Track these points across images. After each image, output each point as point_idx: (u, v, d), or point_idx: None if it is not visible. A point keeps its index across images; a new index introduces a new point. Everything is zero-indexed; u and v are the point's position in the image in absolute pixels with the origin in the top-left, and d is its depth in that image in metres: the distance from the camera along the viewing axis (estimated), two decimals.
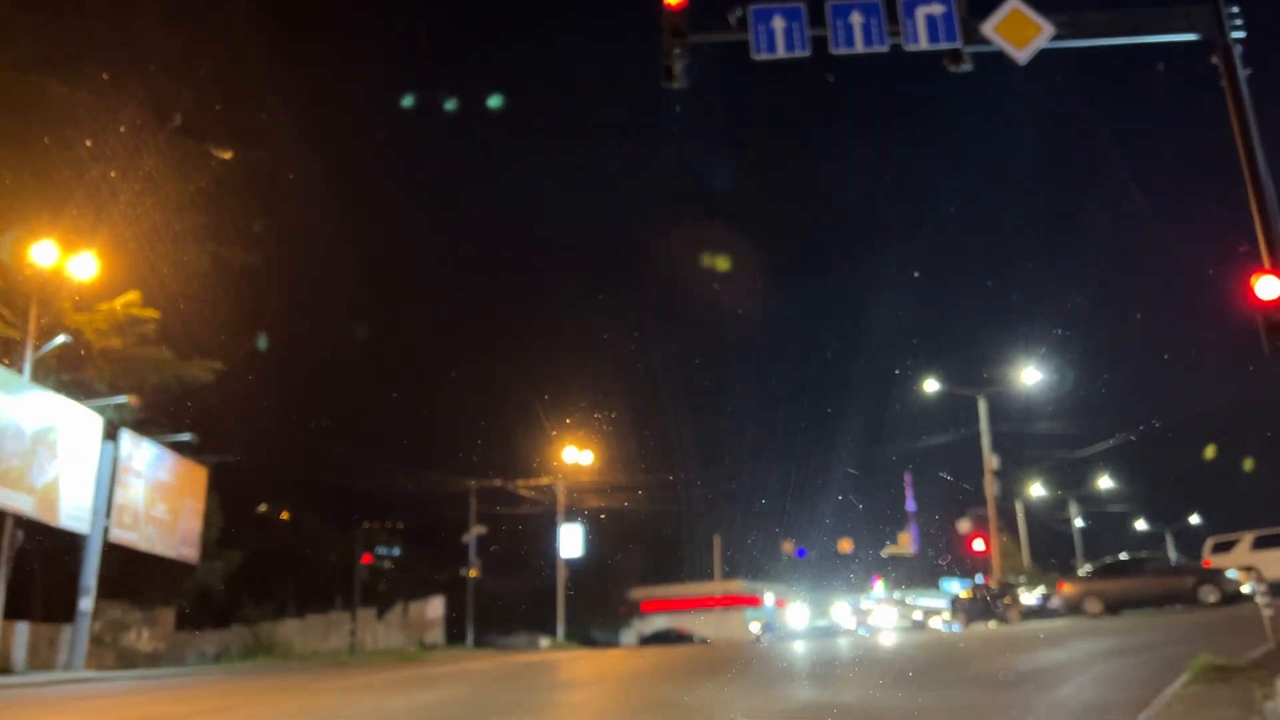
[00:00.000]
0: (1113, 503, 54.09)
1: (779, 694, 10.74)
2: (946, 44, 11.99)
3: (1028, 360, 34.53)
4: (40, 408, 21.88)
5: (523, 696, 12.15)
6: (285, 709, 12.14)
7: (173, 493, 27.70)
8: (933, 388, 36.12)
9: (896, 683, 11.25)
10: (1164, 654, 11.41)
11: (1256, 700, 6.80)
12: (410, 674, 18.57)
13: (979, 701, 8.99)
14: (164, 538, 27.16)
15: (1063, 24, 11.99)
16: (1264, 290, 10.24)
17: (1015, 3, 11.96)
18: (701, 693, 10.98)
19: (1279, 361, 10.19)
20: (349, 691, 14.38)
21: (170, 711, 11.46)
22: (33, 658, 23.09)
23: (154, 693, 15.64)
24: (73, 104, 23.73)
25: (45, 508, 21.87)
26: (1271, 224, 10.74)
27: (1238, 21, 11.68)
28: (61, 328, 22.94)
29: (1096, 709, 8.04)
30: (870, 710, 8.97)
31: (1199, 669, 8.46)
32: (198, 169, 26.47)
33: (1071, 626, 21.36)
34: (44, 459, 21.77)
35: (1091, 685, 9.50)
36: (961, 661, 13.99)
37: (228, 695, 14.36)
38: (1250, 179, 11.02)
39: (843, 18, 12.01)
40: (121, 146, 24.42)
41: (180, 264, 26.46)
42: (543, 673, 16.70)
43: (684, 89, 12.38)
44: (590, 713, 9.97)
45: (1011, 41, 11.90)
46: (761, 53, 12.01)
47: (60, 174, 23.73)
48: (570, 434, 46.43)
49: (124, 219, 24.44)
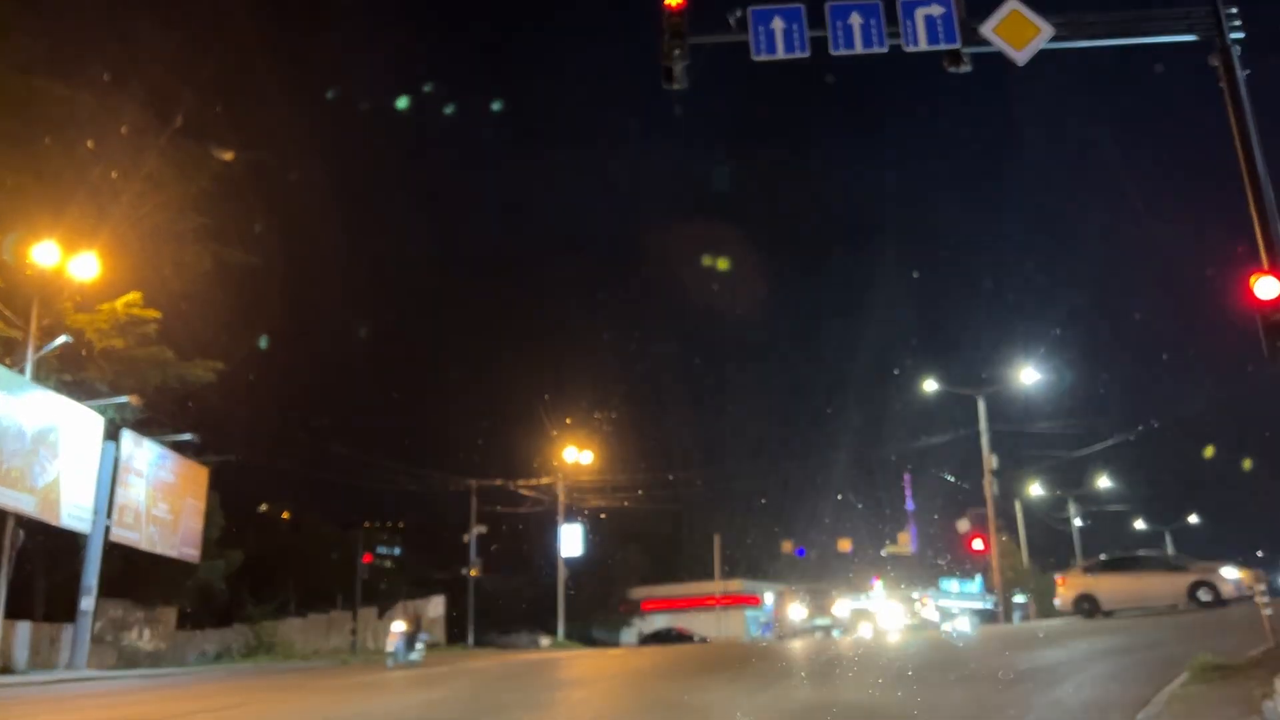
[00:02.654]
0: (1111, 502, 54.12)
1: (780, 693, 10.78)
2: (946, 45, 11.99)
3: (1026, 360, 34.58)
4: (42, 408, 21.90)
5: (523, 695, 12.19)
6: (287, 708, 12.19)
7: (174, 492, 27.73)
8: (932, 387, 36.14)
9: (896, 681, 11.29)
10: (1163, 653, 11.44)
11: (1255, 699, 6.83)
12: (412, 673, 18.61)
13: (980, 699, 9.02)
14: (165, 537, 27.19)
15: (1061, 25, 12.00)
16: (1263, 290, 10.28)
17: (1014, 4, 11.97)
18: (702, 692, 11.02)
19: (1277, 361, 10.22)
20: (350, 690, 14.43)
21: (171, 711, 11.50)
22: (34, 657, 23.10)
23: (155, 692, 15.68)
24: (74, 105, 23.77)
25: (46, 507, 21.89)
26: (1270, 224, 10.77)
27: (1236, 22, 11.70)
28: (63, 328, 22.95)
29: (1096, 707, 8.07)
30: (871, 709, 9.01)
31: (1198, 668, 8.50)
32: (199, 170, 26.52)
33: (1069, 625, 21.38)
34: (45, 459, 21.79)
35: (1091, 684, 9.54)
36: (961, 660, 14.03)
37: (229, 694, 14.39)
38: (1249, 179, 11.05)
39: (842, 19, 12.02)
40: (123, 147, 24.48)
41: (181, 264, 26.51)
42: (543, 671, 16.73)
43: (684, 90, 12.41)
44: (591, 711, 10.00)
45: (1010, 42, 11.91)
46: (761, 54, 12.02)
47: (62, 175, 23.77)
48: (570, 434, 46.49)
49: (125, 219, 24.49)
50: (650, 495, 49.59)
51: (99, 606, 24.67)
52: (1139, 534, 60.23)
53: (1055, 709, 8.01)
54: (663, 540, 59.42)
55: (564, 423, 46.90)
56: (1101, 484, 51.54)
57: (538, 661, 21.60)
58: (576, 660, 21.32)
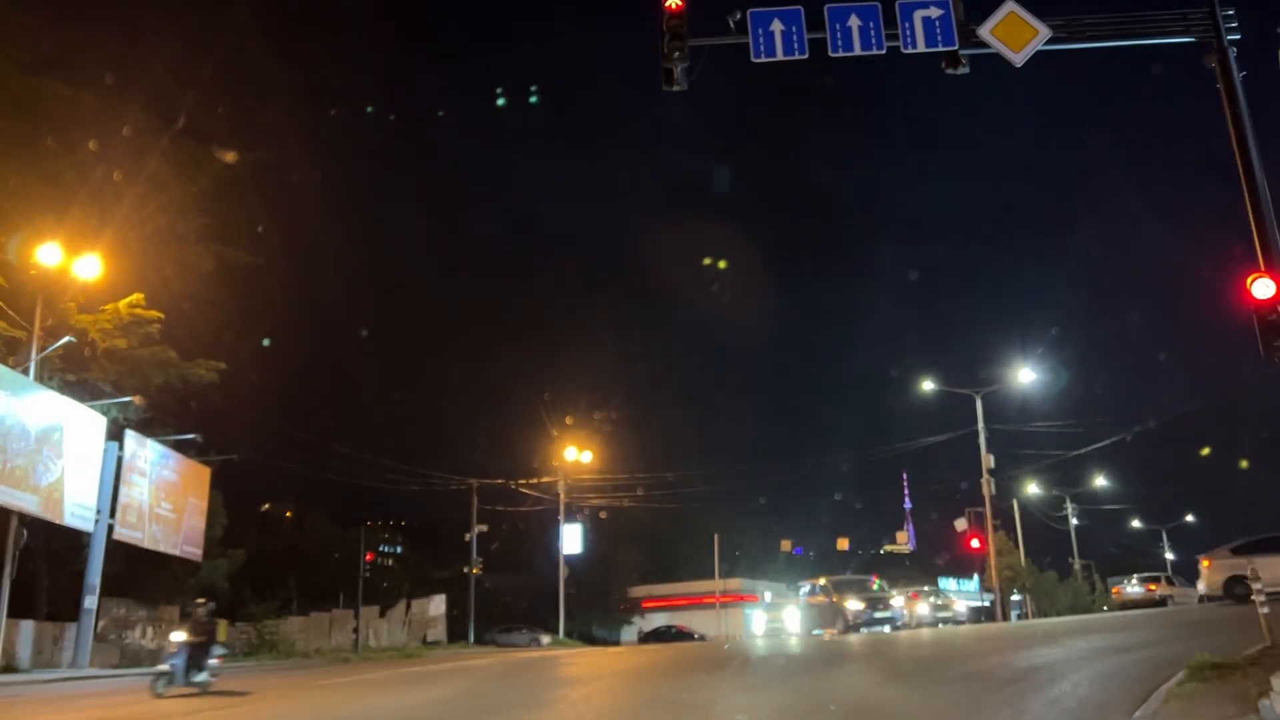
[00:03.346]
0: (1108, 501, 54.27)
1: (778, 690, 10.85)
2: (944, 47, 12.04)
3: (1024, 360, 34.69)
4: (45, 407, 21.99)
5: (524, 693, 12.26)
6: (289, 706, 12.27)
7: (177, 491, 27.81)
8: (930, 387, 36.24)
9: (893, 679, 11.35)
10: (1160, 652, 11.48)
11: (1252, 697, 6.89)
12: (413, 671, 18.69)
13: (977, 698, 9.08)
14: (168, 536, 27.28)
15: (1059, 27, 12.05)
16: (1259, 291, 10.33)
17: (1012, 5, 12.02)
18: (702, 689, 11.08)
19: (1274, 361, 10.28)
20: (352, 688, 14.50)
21: (173, 709, 11.57)
22: (38, 655, 23.19)
23: None
24: (78, 107, 23.85)
25: (50, 507, 21.98)
26: (1267, 225, 10.83)
27: (1233, 24, 11.75)
28: (66, 328, 23.04)
29: (1093, 706, 8.11)
30: (868, 706, 9.08)
31: (1195, 667, 8.53)
32: (201, 171, 26.61)
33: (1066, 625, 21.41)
34: (49, 458, 21.88)
35: (1088, 682, 9.58)
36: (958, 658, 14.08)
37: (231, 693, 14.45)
38: (1246, 180, 11.11)
39: (841, 21, 12.08)
40: (126, 149, 24.57)
41: (184, 265, 26.61)
42: (544, 669, 16.79)
43: (684, 91, 12.47)
44: (591, 709, 10.06)
45: (1008, 44, 11.96)
46: (761, 56, 12.08)
47: (65, 176, 23.86)
48: (571, 433, 46.61)
49: (128, 220, 24.57)
50: (650, 495, 49.74)
51: (102, 605, 24.77)
52: (1136, 533, 60.37)
53: (1053, 708, 8.06)
54: (663, 539, 59.54)
55: (564, 422, 47.05)
56: (1099, 483, 51.68)
57: (538, 660, 21.66)
58: (577, 658, 21.38)
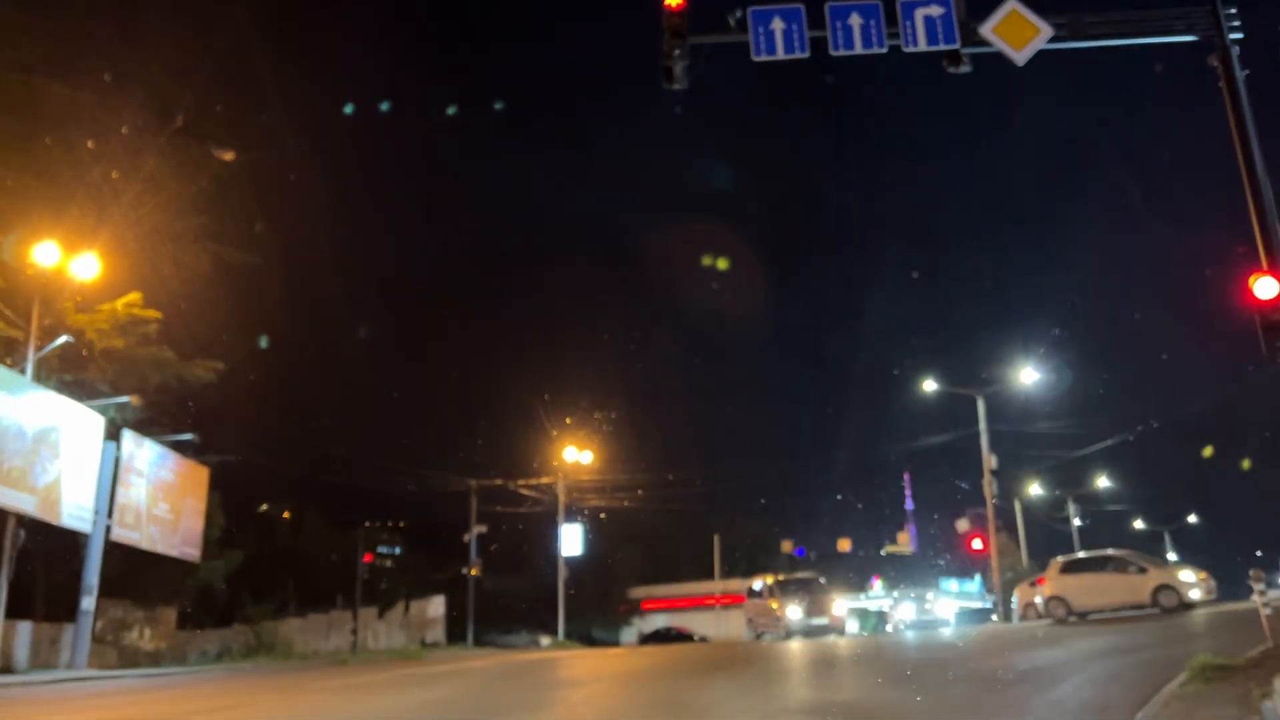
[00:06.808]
0: (1111, 502, 54.18)
1: (778, 692, 10.80)
2: (945, 45, 12.01)
3: (1026, 360, 34.61)
4: (42, 408, 21.92)
5: (524, 695, 12.21)
6: (287, 708, 12.21)
7: (175, 492, 27.74)
8: (931, 387, 36.19)
9: (895, 681, 11.30)
10: (1161, 653, 11.45)
11: (1254, 699, 6.85)
12: (411, 672, 18.62)
13: (979, 700, 9.03)
14: (166, 537, 27.20)
15: (1061, 25, 12.01)
16: (1262, 290, 10.30)
17: (1013, 4, 11.99)
18: (702, 691, 11.03)
19: (1276, 361, 10.24)
20: (350, 690, 14.44)
21: (172, 711, 11.52)
22: (35, 657, 23.11)
23: (156, 691, 15.69)
24: (75, 105, 23.78)
25: (47, 507, 21.91)
26: (1269, 224, 10.79)
27: (1236, 23, 11.71)
28: (63, 328, 22.96)
29: (1095, 707, 8.08)
30: (870, 708, 9.03)
31: (1197, 668, 8.50)
32: (199, 170, 26.55)
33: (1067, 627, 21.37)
34: (46, 459, 21.81)
35: (1090, 684, 9.55)
36: (960, 660, 14.04)
37: (229, 694, 14.42)
38: (1248, 180, 11.07)
39: (842, 19, 12.04)
40: (123, 147, 24.49)
41: (182, 264, 26.53)
42: (543, 671, 16.73)
43: (684, 90, 12.43)
44: (591, 711, 10.01)
45: (1010, 43, 11.92)
46: (761, 54, 12.04)
47: (62, 175, 23.79)
48: (570, 434, 46.51)
49: (126, 220, 24.50)
50: (650, 495, 49.65)
51: (100, 606, 24.69)
52: (1138, 534, 60.32)
53: (1055, 709, 8.02)
54: (662, 540, 59.43)
55: (564, 423, 46.93)
56: (1101, 484, 51.61)
57: (538, 661, 21.60)
58: (577, 660, 21.33)
